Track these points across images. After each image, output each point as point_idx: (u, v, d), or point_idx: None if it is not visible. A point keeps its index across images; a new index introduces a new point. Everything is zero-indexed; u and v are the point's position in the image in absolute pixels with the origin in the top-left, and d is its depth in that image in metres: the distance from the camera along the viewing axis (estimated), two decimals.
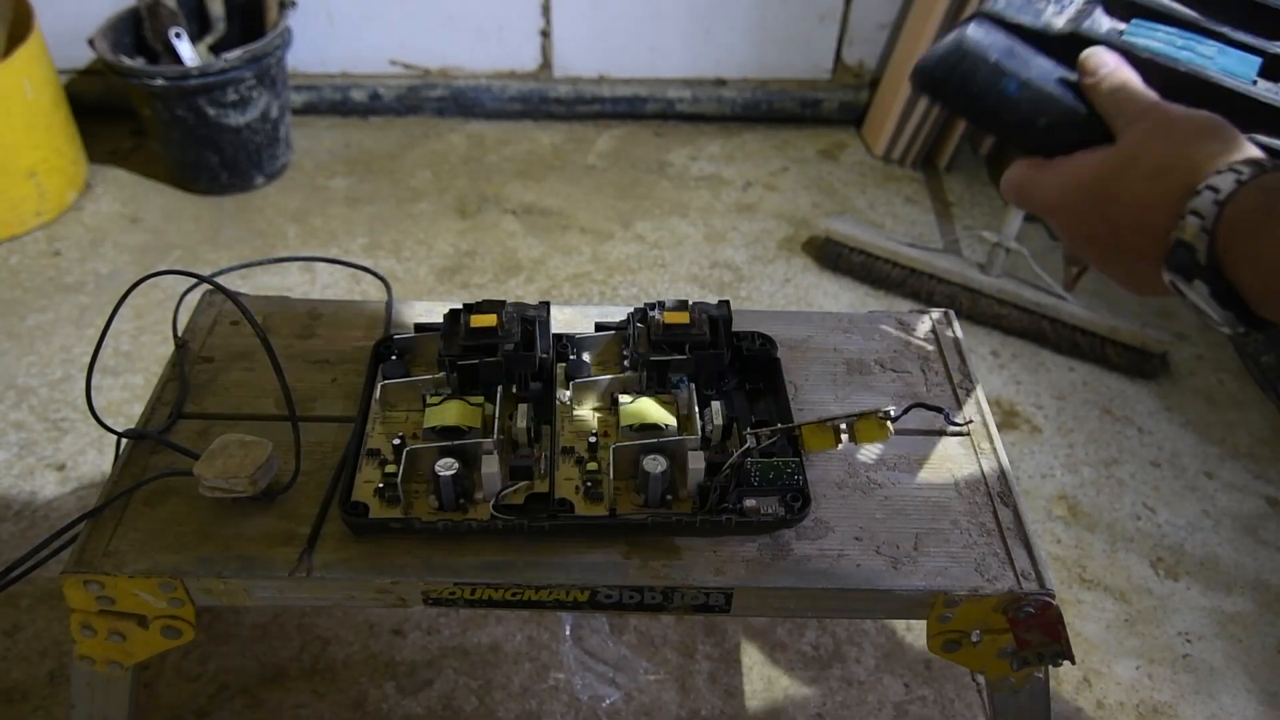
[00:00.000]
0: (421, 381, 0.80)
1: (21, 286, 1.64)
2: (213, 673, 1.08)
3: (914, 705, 1.09)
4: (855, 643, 1.14)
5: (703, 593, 0.71)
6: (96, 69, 1.96)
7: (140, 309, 1.56)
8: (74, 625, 0.72)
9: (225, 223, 1.80)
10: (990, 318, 1.61)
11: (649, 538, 0.73)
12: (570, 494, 0.74)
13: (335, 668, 1.10)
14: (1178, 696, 1.12)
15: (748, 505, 0.72)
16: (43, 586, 1.14)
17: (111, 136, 1.98)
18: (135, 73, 1.70)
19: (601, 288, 1.68)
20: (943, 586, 0.71)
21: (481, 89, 2.07)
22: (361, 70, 2.07)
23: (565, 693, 1.08)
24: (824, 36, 2.05)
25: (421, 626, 1.14)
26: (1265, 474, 1.39)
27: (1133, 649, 1.16)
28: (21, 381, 1.45)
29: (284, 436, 0.76)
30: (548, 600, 0.72)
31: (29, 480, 1.30)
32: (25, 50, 1.64)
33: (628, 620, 1.14)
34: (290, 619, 1.14)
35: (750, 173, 1.97)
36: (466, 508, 0.73)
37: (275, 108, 1.83)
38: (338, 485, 0.75)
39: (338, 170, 1.94)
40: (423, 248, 1.76)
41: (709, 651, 1.13)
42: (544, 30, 2.03)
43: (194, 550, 0.71)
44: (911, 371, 0.90)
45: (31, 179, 1.72)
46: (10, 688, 1.06)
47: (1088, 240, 0.50)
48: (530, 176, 1.94)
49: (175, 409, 0.82)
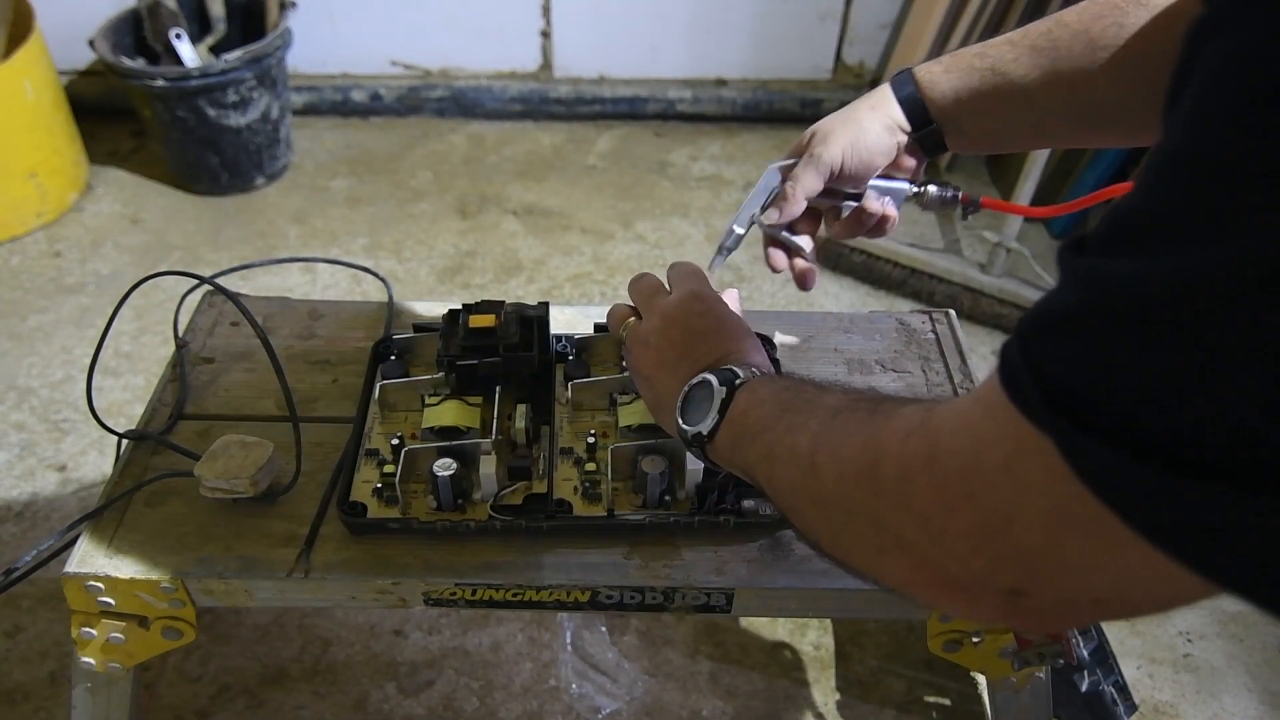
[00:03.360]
0: (420, 382, 0.80)
1: (22, 287, 1.64)
2: (214, 673, 1.08)
3: (915, 705, 1.09)
4: (857, 643, 1.14)
5: (704, 593, 0.71)
6: (97, 70, 1.96)
7: (141, 310, 1.56)
8: (75, 626, 0.72)
9: (226, 223, 1.80)
10: (991, 317, 1.60)
11: (649, 538, 0.73)
12: (569, 494, 0.74)
13: (336, 668, 1.10)
14: (1179, 696, 1.12)
15: (746, 506, 0.72)
16: (44, 588, 1.14)
17: (112, 137, 1.98)
18: (136, 74, 1.70)
19: (602, 288, 1.68)
20: None
21: (482, 89, 2.07)
22: (362, 71, 2.07)
23: (565, 693, 1.08)
24: (824, 37, 2.05)
25: (422, 627, 1.14)
26: None
27: (1134, 649, 1.16)
28: (22, 382, 1.45)
29: (284, 437, 0.76)
30: (549, 601, 0.72)
31: (30, 481, 1.30)
32: (26, 51, 1.64)
33: (628, 621, 1.14)
34: (291, 620, 1.14)
35: (751, 173, 1.97)
36: (465, 508, 0.73)
37: (276, 108, 1.83)
38: (336, 485, 0.75)
39: (338, 171, 1.94)
40: (423, 248, 1.76)
41: (710, 651, 1.12)
42: (544, 31, 2.03)
43: (195, 551, 0.71)
44: (912, 372, 0.90)
45: (32, 180, 1.72)
46: (11, 688, 1.06)
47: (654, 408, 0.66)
48: (531, 177, 1.94)
49: (176, 410, 0.82)
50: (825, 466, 0.44)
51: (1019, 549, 0.34)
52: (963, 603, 0.39)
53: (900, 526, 0.38)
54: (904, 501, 0.38)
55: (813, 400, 0.49)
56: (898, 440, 0.40)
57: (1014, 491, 0.33)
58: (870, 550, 0.42)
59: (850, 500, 0.42)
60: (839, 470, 0.43)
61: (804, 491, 0.46)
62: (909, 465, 0.38)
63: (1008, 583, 0.35)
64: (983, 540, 0.35)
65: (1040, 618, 0.38)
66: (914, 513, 0.38)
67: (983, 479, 0.35)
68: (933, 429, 0.38)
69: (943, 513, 0.36)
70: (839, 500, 0.43)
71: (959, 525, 0.36)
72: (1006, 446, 0.33)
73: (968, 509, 0.35)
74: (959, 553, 0.36)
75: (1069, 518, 0.32)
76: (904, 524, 0.38)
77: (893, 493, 0.39)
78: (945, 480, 0.36)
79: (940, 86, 0.67)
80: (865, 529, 0.41)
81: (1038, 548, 0.33)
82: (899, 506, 0.38)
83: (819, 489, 0.45)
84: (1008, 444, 0.33)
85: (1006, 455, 0.33)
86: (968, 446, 0.36)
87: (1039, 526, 0.33)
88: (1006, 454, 0.33)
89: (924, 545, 0.38)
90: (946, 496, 0.36)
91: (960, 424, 0.37)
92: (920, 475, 0.37)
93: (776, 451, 0.49)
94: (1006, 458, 0.33)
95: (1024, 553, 0.34)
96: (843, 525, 0.43)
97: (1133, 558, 0.30)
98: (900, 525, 0.38)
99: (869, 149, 0.68)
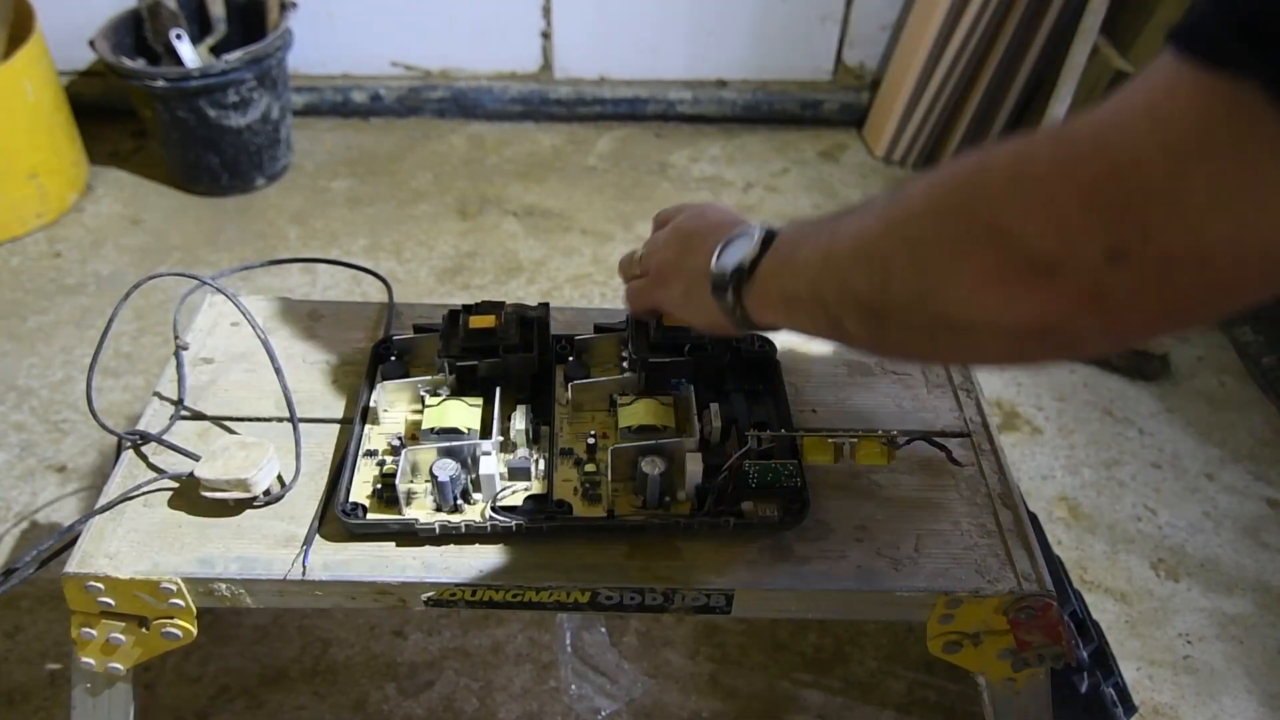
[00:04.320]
0: (420, 382, 0.80)
1: (22, 288, 1.64)
2: (213, 674, 1.08)
3: (915, 706, 1.09)
4: (857, 644, 1.14)
5: (704, 594, 0.71)
6: (97, 70, 1.96)
7: (141, 310, 1.56)
8: (74, 627, 0.72)
9: (226, 224, 1.80)
10: None
11: (649, 539, 0.73)
12: (569, 495, 0.74)
13: (336, 669, 1.10)
14: (1179, 698, 1.12)
15: (746, 508, 0.72)
16: (44, 588, 1.14)
17: (112, 138, 1.98)
18: (136, 74, 1.70)
19: (602, 289, 1.68)
20: (944, 588, 0.71)
21: (482, 90, 2.07)
22: (362, 71, 2.07)
23: (565, 694, 1.08)
24: (825, 38, 2.05)
25: (422, 628, 1.14)
26: (1266, 476, 1.39)
27: (1134, 650, 1.16)
28: (22, 383, 1.45)
29: (284, 437, 0.76)
30: (549, 601, 0.72)
31: (30, 481, 1.30)
32: (26, 52, 1.64)
33: (628, 622, 1.14)
34: (291, 620, 1.14)
35: (751, 174, 1.97)
36: (465, 509, 0.73)
37: (276, 109, 1.83)
38: (336, 486, 0.75)
39: (339, 172, 1.94)
40: (423, 249, 1.76)
41: (710, 652, 1.12)
42: (545, 32, 2.03)
43: (195, 551, 0.71)
44: (912, 373, 0.90)
45: (32, 180, 1.72)
46: (11, 689, 1.06)
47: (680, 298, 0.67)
48: (531, 178, 1.94)
49: (176, 410, 0.82)
50: (914, 191, 0.43)
51: (1136, 193, 0.33)
52: (1045, 291, 0.37)
53: (998, 206, 0.37)
54: (1013, 175, 0.37)
55: (865, 202, 0.48)
56: (1008, 150, 0.39)
57: (1151, 129, 0.33)
58: (951, 255, 0.40)
59: (945, 203, 0.41)
60: (928, 188, 0.42)
61: (876, 227, 0.45)
62: (1031, 148, 0.37)
63: (1111, 240, 0.34)
64: (1099, 191, 0.34)
65: (1132, 297, 0.35)
66: (1022, 180, 0.37)
67: (1117, 130, 0.34)
68: (1061, 132, 0.37)
69: (1057, 173, 0.35)
70: (926, 209, 0.42)
71: (1079, 178, 0.35)
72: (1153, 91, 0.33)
73: (1093, 160, 0.34)
74: (1064, 213, 0.35)
75: (1212, 136, 0.32)
76: (1004, 200, 0.37)
77: (1001, 172, 0.38)
78: (1068, 138, 0.36)
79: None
80: (952, 228, 0.40)
81: (1159, 186, 0.33)
82: (1006, 181, 0.37)
83: (898, 212, 0.43)
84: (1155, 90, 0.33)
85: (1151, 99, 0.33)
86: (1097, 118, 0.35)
87: (1169, 159, 0.33)
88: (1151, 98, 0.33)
89: (1018, 219, 0.36)
90: (1068, 149, 0.35)
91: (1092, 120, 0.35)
92: (1043, 146, 0.37)
93: (839, 229, 0.47)
94: (1150, 102, 0.33)
95: (1140, 197, 0.33)
96: (923, 237, 0.41)
97: (1265, 188, 0.30)
98: (999, 204, 0.37)
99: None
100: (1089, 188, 0.34)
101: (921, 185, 0.43)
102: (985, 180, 0.39)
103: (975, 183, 0.39)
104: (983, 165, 0.40)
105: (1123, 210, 0.34)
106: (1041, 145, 0.37)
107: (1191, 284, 0.34)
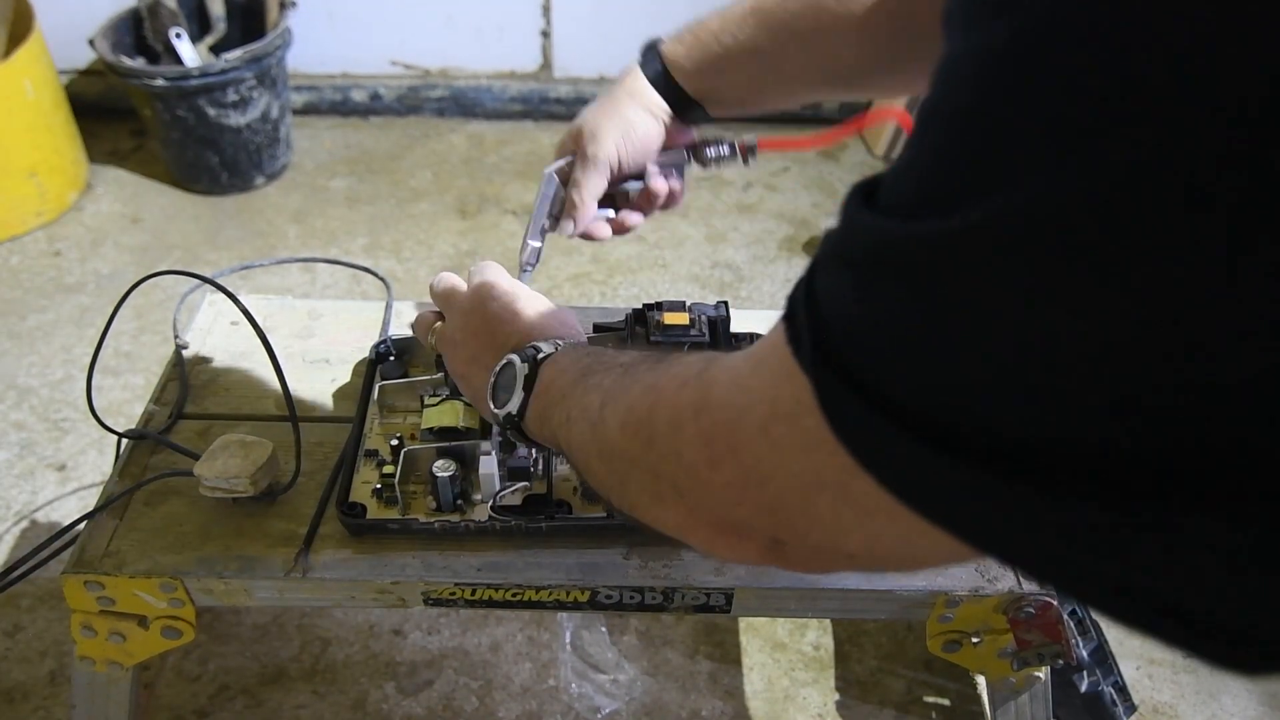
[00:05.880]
0: (420, 382, 0.80)
1: (22, 287, 1.64)
2: (213, 673, 1.08)
3: (915, 705, 1.09)
4: (856, 643, 1.14)
5: (703, 593, 0.71)
6: (97, 69, 1.96)
7: (141, 309, 1.56)
8: (74, 625, 0.72)
9: (225, 223, 1.80)
10: None
11: (649, 538, 0.73)
12: (568, 495, 0.74)
13: (336, 668, 1.10)
14: (1178, 697, 1.12)
15: None
16: (43, 587, 1.14)
17: (112, 137, 1.98)
18: (136, 73, 1.70)
19: (602, 288, 1.68)
20: (943, 587, 0.71)
21: (482, 89, 2.07)
22: (362, 70, 2.07)
23: (565, 693, 1.08)
24: None
25: (422, 627, 1.14)
26: None
27: (1133, 649, 1.16)
28: (22, 382, 1.45)
29: (284, 437, 0.76)
30: (548, 601, 0.72)
31: (29, 480, 1.30)
32: (26, 50, 1.64)
33: (628, 621, 1.14)
34: (291, 619, 1.14)
35: (751, 173, 1.97)
36: (464, 509, 0.73)
37: (275, 108, 1.83)
38: (335, 486, 0.75)
39: (338, 171, 1.94)
40: (423, 248, 1.76)
41: (710, 652, 1.13)
42: (544, 31, 2.03)
43: (194, 550, 0.71)
44: None
45: (32, 179, 1.72)
46: (11, 688, 1.06)
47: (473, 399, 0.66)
48: (531, 177, 1.94)
49: (175, 409, 0.82)
50: (610, 418, 0.44)
51: (776, 504, 0.35)
52: (733, 546, 0.40)
53: (673, 474, 0.39)
54: (674, 450, 0.39)
55: (610, 361, 0.49)
56: (674, 388, 0.40)
57: (770, 452, 0.34)
58: (648, 498, 0.42)
59: (630, 450, 0.42)
60: (621, 420, 0.43)
61: (592, 446, 0.46)
62: (680, 414, 0.39)
63: (769, 532, 0.37)
64: (744, 492, 0.36)
65: (800, 565, 0.39)
66: (683, 462, 0.38)
67: (744, 436, 0.35)
68: (707, 380, 0.38)
69: (707, 465, 0.37)
70: (621, 451, 0.43)
71: (723, 477, 0.36)
72: (765, 408, 0.34)
73: (730, 463, 0.36)
74: (725, 501, 0.37)
75: (821, 478, 0.32)
76: (676, 472, 0.39)
77: (664, 440, 0.39)
78: (712, 433, 0.37)
79: (685, 65, 0.71)
80: (644, 477, 0.42)
81: (794, 505, 0.34)
82: (670, 455, 0.39)
83: (604, 441, 0.45)
84: (767, 405, 0.34)
85: (764, 417, 0.34)
86: (733, 401, 0.36)
87: (795, 486, 0.33)
88: (764, 416, 0.34)
89: (694, 493, 0.38)
90: (711, 449, 0.37)
91: (730, 377, 0.37)
92: (689, 425, 0.38)
93: (573, 413, 0.49)
94: (764, 420, 0.34)
95: (780, 508, 0.35)
96: (625, 475, 0.43)
97: (880, 519, 0.31)
98: (673, 473, 0.39)
99: (640, 140, 0.73)
100: (738, 487, 0.36)
101: (618, 413, 0.44)
102: (655, 438, 0.40)
103: (649, 435, 0.41)
104: (652, 411, 0.41)
105: (771, 513, 0.36)
106: (687, 418, 0.38)
107: (849, 567, 0.38)
